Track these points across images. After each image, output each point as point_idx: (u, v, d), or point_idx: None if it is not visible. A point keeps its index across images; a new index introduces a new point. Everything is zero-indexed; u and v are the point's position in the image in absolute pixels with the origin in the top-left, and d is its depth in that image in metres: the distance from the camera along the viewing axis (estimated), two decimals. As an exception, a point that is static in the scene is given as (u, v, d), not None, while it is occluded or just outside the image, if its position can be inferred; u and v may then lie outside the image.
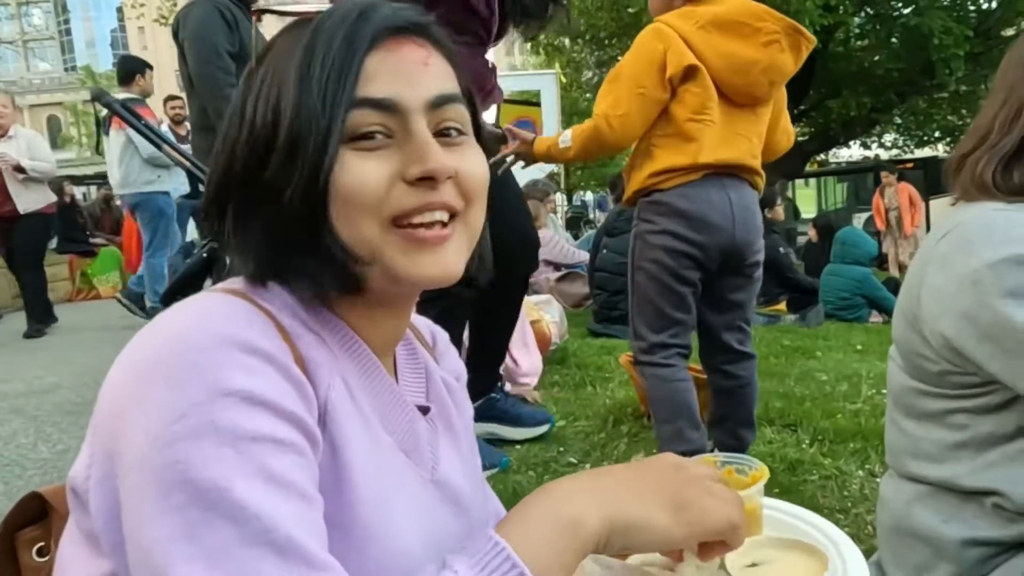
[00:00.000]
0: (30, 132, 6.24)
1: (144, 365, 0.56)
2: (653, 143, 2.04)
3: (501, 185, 2.24)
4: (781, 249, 6.35)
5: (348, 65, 0.63)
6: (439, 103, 0.66)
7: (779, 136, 2.07)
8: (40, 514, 0.70)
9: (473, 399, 2.61)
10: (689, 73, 1.95)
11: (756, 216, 2.06)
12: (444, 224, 0.66)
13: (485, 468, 2.59)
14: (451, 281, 0.67)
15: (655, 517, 0.62)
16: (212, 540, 0.51)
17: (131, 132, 5.26)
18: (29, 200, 5.81)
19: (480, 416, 2.74)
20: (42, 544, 0.69)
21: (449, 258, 0.66)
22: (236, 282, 0.67)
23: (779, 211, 6.72)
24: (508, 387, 3.31)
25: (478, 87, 2.23)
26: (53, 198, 5.97)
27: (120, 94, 5.57)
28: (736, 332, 2.15)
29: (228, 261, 0.69)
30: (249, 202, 0.65)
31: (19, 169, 5.69)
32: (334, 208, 0.63)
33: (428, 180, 0.64)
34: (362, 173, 0.62)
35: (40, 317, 6.08)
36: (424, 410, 0.76)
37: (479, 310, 2.47)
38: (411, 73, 0.65)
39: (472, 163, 0.68)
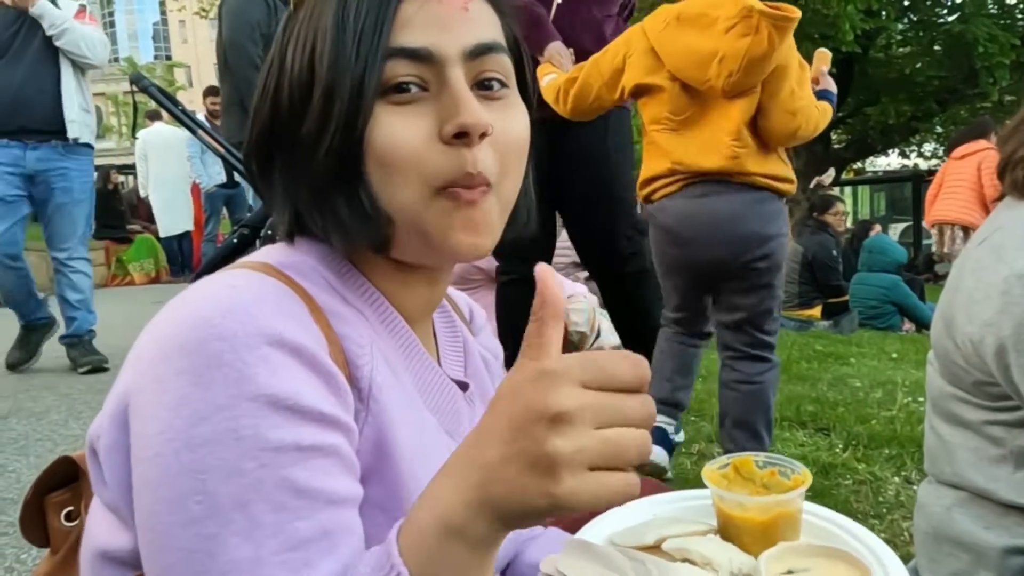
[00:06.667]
0: None
1: (167, 344, 0.54)
2: (644, 149, 2.13)
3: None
4: (834, 252, 6.21)
5: (383, 12, 0.59)
6: (478, 52, 0.62)
7: (776, 121, 1.93)
8: (70, 478, 0.69)
9: None
10: (641, 90, 2.04)
11: (740, 224, 1.97)
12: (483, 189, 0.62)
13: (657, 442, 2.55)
14: (481, 256, 0.64)
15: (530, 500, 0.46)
16: (226, 558, 0.50)
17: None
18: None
19: None
20: (71, 508, 0.68)
21: (482, 234, 0.62)
22: (267, 255, 0.65)
23: (831, 218, 6.46)
24: None
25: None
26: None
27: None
28: (737, 334, 2.08)
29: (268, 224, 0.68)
30: (290, 153, 0.63)
31: None
32: (370, 166, 0.60)
33: (463, 136, 0.59)
34: (395, 131, 0.59)
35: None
36: (463, 386, 0.74)
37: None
38: (449, 20, 0.61)
39: (512, 119, 0.64)
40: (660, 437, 2.14)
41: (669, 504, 0.80)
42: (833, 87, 2.19)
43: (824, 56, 2.26)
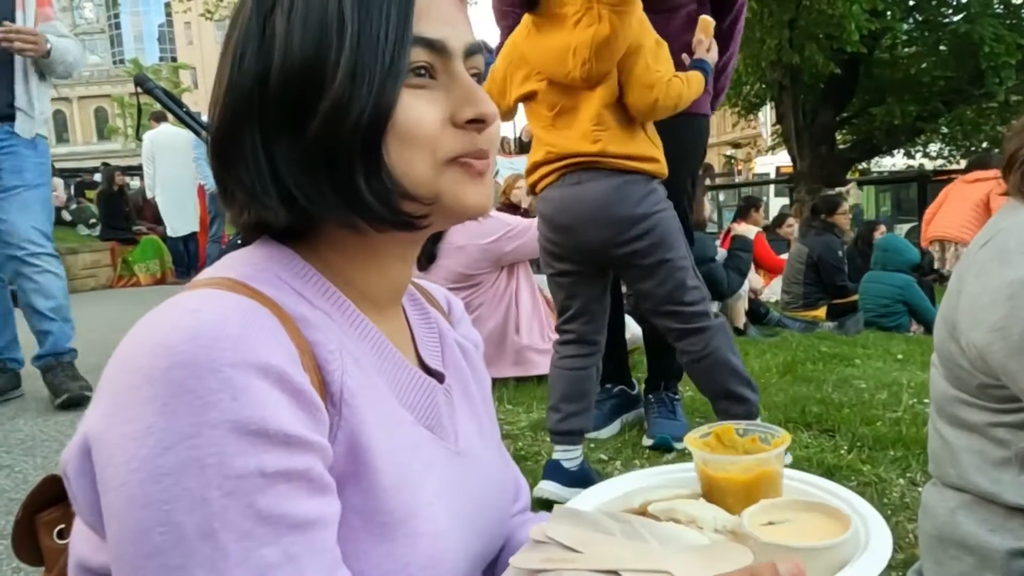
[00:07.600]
0: None
1: (132, 373, 0.53)
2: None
3: None
4: (839, 252, 6.18)
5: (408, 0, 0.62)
6: (473, 51, 0.66)
7: (635, 96, 2.01)
8: (59, 495, 0.68)
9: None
10: (523, 98, 2.15)
11: (609, 208, 2.04)
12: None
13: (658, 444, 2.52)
14: (485, 213, 0.68)
15: None
16: None
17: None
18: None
19: None
20: (62, 526, 0.68)
21: (488, 192, 0.68)
22: (228, 267, 0.63)
23: (840, 218, 6.45)
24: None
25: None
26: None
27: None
28: (665, 318, 2.13)
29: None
30: (286, 131, 0.62)
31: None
32: (390, 144, 0.61)
33: (477, 123, 0.64)
34: (418, 113, 0.62)
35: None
36: (439, 377, 0.75)
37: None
38: (453, 16, 0.65)
39: None
40: (551, 469, 2.13)
41: (655, 476, 0.83)
42: (711, 57, 2.19)
43: (706, 24, 2.24)
